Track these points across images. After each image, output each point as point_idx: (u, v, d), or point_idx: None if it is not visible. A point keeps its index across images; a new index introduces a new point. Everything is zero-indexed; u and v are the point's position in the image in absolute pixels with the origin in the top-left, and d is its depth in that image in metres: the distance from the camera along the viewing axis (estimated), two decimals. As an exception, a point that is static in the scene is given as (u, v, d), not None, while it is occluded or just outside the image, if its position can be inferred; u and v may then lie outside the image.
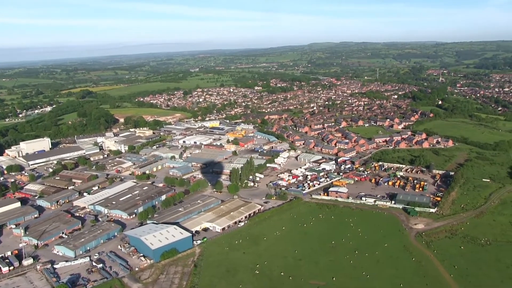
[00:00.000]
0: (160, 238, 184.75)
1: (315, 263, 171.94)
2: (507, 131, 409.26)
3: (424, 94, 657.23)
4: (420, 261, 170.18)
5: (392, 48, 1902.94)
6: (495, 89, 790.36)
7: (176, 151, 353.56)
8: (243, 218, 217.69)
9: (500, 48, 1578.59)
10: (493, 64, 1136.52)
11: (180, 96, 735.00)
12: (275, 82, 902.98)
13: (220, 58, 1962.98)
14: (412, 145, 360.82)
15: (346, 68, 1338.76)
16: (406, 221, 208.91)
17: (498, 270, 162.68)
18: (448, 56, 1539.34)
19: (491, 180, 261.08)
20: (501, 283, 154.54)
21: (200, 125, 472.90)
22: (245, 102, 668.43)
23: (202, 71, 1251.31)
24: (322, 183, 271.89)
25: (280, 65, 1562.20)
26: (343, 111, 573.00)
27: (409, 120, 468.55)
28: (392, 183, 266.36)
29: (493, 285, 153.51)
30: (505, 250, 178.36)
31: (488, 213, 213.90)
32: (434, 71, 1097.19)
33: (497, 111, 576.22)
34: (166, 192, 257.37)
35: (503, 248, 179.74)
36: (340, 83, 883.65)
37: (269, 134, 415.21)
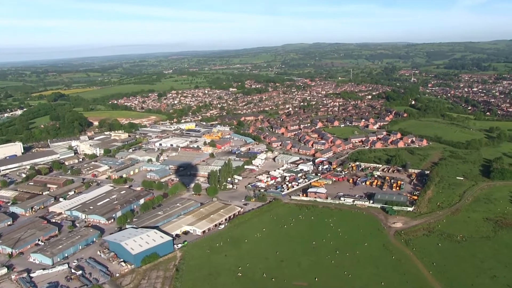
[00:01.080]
0: (140, 242, 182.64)
1: (297, 264, 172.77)
2: (477, 130, 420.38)
3: (397, 94, 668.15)
4: (399, 259, 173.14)
5: (364, 48, 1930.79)
6: (464, 89, 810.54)
7: (152, 154, 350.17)
8: (223, 221, 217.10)
9: (468, 49, 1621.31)
10: (462, 65, 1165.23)
11: (155, 98, 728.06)
12: (250, 84, 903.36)
13: (194, 59, 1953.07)
14: (388, 145, 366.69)
15: (320, 69, 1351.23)
16: (385, 220, 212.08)
17: (473, 266, 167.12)
18: (419, 57, 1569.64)
19: (465, 178, 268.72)
20: (477, 277, 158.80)
21: (176, 127, 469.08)
22: (220, 104, 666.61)
23: (176, 73, 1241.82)
24: (300, 184, 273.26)
25: (254, 66, 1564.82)
26: (319, 111, 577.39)
27: (383, 120, 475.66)
28: (369, 182, 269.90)
29: (470, 280, 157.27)
30: (479, 245, 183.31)
31: (463, 210, 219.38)
32: (406, 71, 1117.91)
33: (467, 110, 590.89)
34: (144, 195, 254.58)
35: (477, 244, 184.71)
36: (315, 84, 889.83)
37: (246, 136, 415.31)
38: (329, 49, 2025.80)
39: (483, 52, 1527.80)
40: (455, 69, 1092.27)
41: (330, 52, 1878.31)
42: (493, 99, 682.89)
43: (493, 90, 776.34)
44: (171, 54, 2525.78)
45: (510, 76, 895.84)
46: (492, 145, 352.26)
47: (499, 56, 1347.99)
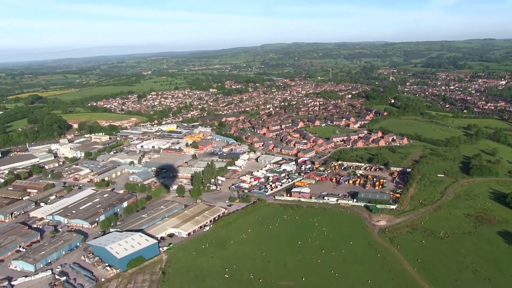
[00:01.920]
0: (125, 246, 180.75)
1: (284, 264, 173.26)
2: (456, 127, 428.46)
3: (377, 93, 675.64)
4: (385, 256, 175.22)
5: (343, 48, 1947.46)
6: (442, 87, 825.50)
7: (134, 156, 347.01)
8: (208, 222, 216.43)
9: (444, 48, 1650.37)
10: (438, 63, 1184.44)
11: (135, 100, 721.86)
12: (229, 84, 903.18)
13: (173, 60, 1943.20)
14: (369, 144, 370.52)
15: (299, 69, 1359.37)
16: (369, 219, 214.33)
17: (456, 261, 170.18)
18: (397, 56, 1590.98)
19: (445, 175, 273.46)
20: (460, 272, 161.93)
21: (157, 129, 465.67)
22: (201, 105, 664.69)
23: (155, 74, 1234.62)
24: (284, 184, 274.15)
25: (234, 66, 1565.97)
26: (299, 111, 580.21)
27: (364, 119, 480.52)
28: (352, 181, 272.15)
29: (453, 275, 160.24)
30: (461, 241, 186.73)
31: (445, 207, 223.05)
32: (385, 70, 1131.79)
33: (445, 108, 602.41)
34: (127, 198, 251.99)
35: (459, 240, 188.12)
36: (295, 84, 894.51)
37: (228, 137, 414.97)
38: (308, 49, 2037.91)
39: (458, 51, 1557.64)
40: (432, 67, 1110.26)
41: (309, 51, 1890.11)
42: (469, 97, 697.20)
43: (469, 88, 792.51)
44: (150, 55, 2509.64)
45: (485, 75, 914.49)
46: (470, 142, 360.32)
47: (474, 55, 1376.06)
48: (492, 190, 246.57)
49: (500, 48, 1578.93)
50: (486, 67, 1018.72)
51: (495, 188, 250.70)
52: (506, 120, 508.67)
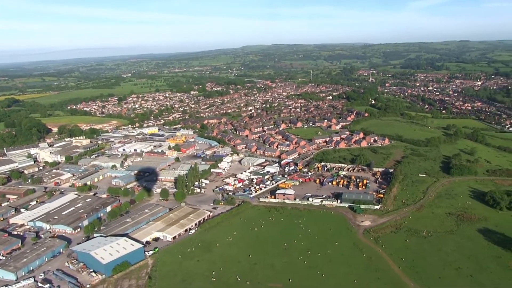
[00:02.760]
0: (110, 251, 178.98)
1: (270, 266, 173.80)
2: (435, 127, 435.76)
3: (357, 94, 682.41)
4: (370, 256, 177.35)
5: (323, 49, 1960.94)
6: (420, 88, 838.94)
7: (116, 159, 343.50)
8: (193, 226, 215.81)
9: (422, 49, 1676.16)
10: (417, 64, 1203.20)
11: (115, 103, 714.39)
12: (210, 86, 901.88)
13: (153, 62, 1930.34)
14: (351, 145, 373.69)
15: (280, 70, 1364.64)
16: (353, 219, 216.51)
17: (440, 259, 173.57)
18: (376, 57, 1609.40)
19: (427, 174, 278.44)
20: (443, 270, 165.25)
21: (139, 132, 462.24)
22: (182, 107, 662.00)
23: (135, 76, 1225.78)
24: (268, 186, 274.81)
25: (214, 68, 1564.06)
26: (281, 113, 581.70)
27: (346, 120, 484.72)
28: (336, 182, 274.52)
29: (437, 272, 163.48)
30: (444, 239, 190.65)
31: (427, 206, 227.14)
32: (364, 71, 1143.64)
33: (424, 109, 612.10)
34: (111, 203, 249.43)
35: (442, 238, 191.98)
36: (275, 86, 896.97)
37: (210, 139, 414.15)
38: (288, 51, 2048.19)
39: (436, 52, 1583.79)
40: (411, 68, 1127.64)
41: (289, 53, 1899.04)
42: (447, 98, 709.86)
43: (447, 89, 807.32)
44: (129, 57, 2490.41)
45: (461, 76, 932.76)
46: (450, 142, 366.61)
47: (451, 56, 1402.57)
48: (471, 189, 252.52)
49: (475, 49, 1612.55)
50: (462, 68, 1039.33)
51: (474, 187, 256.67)
52: (483, 120, 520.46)
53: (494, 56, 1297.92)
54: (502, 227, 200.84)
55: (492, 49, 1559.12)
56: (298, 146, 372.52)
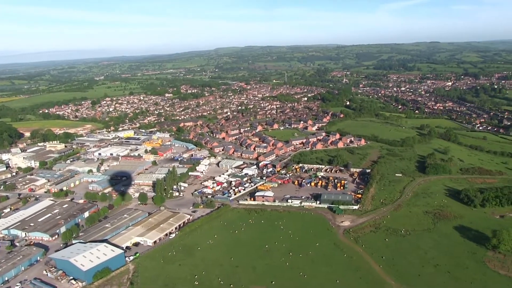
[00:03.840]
0: (90, 258, 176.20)
1: (253, 268, 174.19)
2: (409, 128, 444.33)
3: (332, 95, 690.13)
4: (351, 256, 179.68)
5: (296, 51, 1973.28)
6: (393, 88, 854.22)
7: (92, 164, 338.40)
8: (173, 230, 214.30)
9: (394, 50, 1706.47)
10: (389, 65, 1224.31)
11: (89, 106, 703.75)
12: (185, 89, 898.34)
13: (126, 65, 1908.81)
14: (328, 146, 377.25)
15: (254, 72, 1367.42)
16: (333, 220, 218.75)
17: (418, 257, 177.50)
18: (349, 58, 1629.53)
19: (403, 174, 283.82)
20: (422, 267, 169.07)
21: (114, 135, 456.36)
22: (157, 110, 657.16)
23: (108, 79, 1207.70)
24: (247, 188, 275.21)
25: (188, 70, 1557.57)
26: (257, 115, 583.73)
27: (321, 122, 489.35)
28: (314, 183, 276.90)
29: (416, 270, 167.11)
30: (422, 238, 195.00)
31: (404, 206, 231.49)
32: (338, 72, 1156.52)
33: (398, 109, 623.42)
34: (88, 208, 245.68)
35: (420, 236, 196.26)
36: (250, 87, 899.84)
37: (187, 142, 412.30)
38: (262, 52, 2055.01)
39: (407, 53, 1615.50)
40: (384, 69, 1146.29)
41: (263, 55, 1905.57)
42: (420, 98, 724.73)
43: (419, 89, 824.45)
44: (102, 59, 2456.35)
45: (433, 76, 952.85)
46: (424, 142, 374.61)
47: (422, 57, 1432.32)
48: (446, 188, 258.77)
49: (445, 50, 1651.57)
50: (433, 68, 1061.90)
51: (449, 185, 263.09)
52: (454, 120, 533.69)
53: (463, 57, 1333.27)
54: (476, 224, 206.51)
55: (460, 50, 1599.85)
56: (275, 148, 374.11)
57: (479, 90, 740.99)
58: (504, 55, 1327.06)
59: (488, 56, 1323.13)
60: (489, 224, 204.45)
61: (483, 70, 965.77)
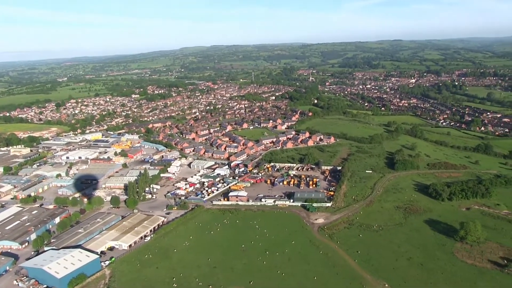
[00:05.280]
0: (65, 264, 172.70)
1: (230, 268, 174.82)
2: (377, 125, 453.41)
3: (299, 94, 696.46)
4: (327, 253, 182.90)
5: (262, 50, 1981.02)
6: (359, 86, 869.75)
7: (61, 168, 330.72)
8: (148, 232, 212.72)
9: (358, 49, 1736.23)
10: (354, 63, 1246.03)
11: (53, 109, 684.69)
12: (152, 89, 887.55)
13: (89, 66, 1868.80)
14: (298, 144, 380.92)
15: (220, 72, 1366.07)
16: (307, 218, 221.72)
17: (392, 251, 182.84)
18: (315, 57, 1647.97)
19: (373, 171, 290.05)
20: (396, 261, 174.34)
21: (82, 138, 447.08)
22: (124, 112, 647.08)
23: (72, 81, 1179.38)
24: (220, 188, 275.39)
25: (153, 71, 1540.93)
26: (226, 115, 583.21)
27: (290, 120, 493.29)
28: (286, 182, 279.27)
29: (390, 264, 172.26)
30: (394, 232, 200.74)
31: (376, 202, 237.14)
32: (304, 71, 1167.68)
33: (364, 106, 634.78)
34: (59, 213, 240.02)
35: (392, 231, 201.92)
36: (218, 87, 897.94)
37: (157, 143, 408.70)
38: (227, 52, 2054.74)
39: (371, 51, 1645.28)
40: (349, 67, 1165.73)
41: (229, 54, 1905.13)
42: (385, 95, 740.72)
43: (384, 86, 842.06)
44: (64, 60, 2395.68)
45: (397, 73, 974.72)
46: (392, 138, 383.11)
47: (386, 55, 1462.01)
48: (415, 183, 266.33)
49: (408, 48, 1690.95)
50: (397, 66, 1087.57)
51: (417, 180, 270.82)
52: (419, 116, 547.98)
53: (424, 55, 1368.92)
54: (444, 217, 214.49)
55: (422, 48, 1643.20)
56: (246, 148, 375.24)
57: (441, 87, 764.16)
58: (463, 53, 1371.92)
59: (448, 54, 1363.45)
60: (457, 216, 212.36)
61: (444, 68, 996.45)
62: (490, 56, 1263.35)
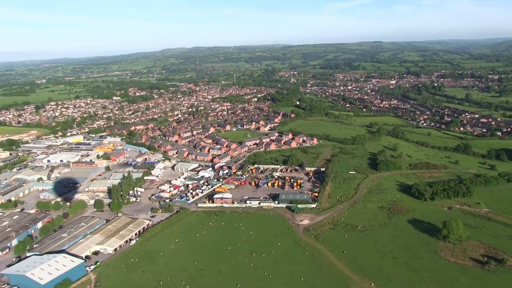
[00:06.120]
0: (49, 270, 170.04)
1: (217, 271, 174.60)
2: (359, 126, 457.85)
3: (282, 95, 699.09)
4: (313, 253, 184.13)
5: (243, 51, 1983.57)
6: (340, 87, 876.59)
7: (42, 172, 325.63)
8: (133, 236, 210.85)
9: (339, 50, 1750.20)
10: (335, 65, 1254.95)
11: (32, 111, 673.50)
12: (133, 91, 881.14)
13: (69, 67, 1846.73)
14: (282, 146, 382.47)
15: (201, 73, 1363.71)
16: (292, 219, 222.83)
17: (377, 250, 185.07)
18: (296, 58, 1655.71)
19: (356, 171, 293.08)
20: (381, 260, 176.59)
21: (63, 141, 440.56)
22: (106, 114, 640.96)
23: (51, 82, 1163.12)
24: (204, 191, 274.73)
25: (134, 72, 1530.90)
26: (208, 116, 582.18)
27: (273, 122, 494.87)
28: (271, 184, 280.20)
29: (376, 263, 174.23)
30: (379, 232, 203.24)
31: (360, 202, 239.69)
32: (286, 72, 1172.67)
33: (346, 108, 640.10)
34: (41, 218, 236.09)
35: (377, 231, 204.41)
36: (200, 89, 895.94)
37: (140, 146, 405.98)
38: (209, 53, 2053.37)
39: (352, 52, 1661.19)
40: (330, 69, 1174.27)
41: (210, 56, 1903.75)
42: (366, 96, 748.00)
43: (365, 87, 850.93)
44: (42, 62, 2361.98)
45: (377, 75, 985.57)
46: (374, 139, 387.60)
47: (366, 56, 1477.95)
48: (398, 183, 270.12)
49: (387, 50, 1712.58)
50: (377, 67, 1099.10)
51: (400, 180, 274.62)
52: (400, 117, 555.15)
53: (404, 56, 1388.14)
54: (427, 216, 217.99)
55: (402, 50, 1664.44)
56: (229, 150, 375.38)
57: (421, 88, 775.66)
58: (441, 55, 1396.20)
59: (427, 56, 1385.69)
60: (439, 216, 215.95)
61: (424, 69, 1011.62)
62: (467, 57, 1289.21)
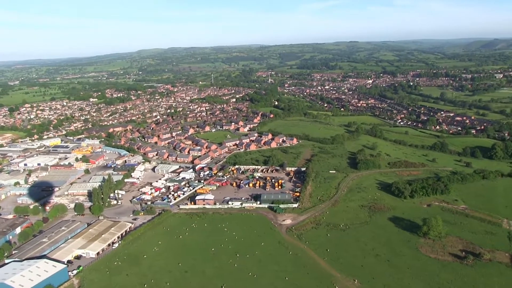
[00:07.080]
0: (30, 276, 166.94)
1: (202, 272, 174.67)
2: (337, 125, 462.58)
3: (260, 96, 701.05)
4: (296, 253, 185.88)
5: (220, 52, 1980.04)
6: (318, 87, 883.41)
7: (19, 175, 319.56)
8: (116, 239, 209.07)
9: (316, 50, 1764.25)
10: (312, 65, 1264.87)
11: (6, 114, 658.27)
12: (110, 93, 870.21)
13: (43, 69, 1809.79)
14: (262, 146, 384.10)
15: (179, 74, 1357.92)
16: (275, 219, 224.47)
17: (359, 249, 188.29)
18: (273, 58, 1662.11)
19: (336, 171, 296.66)
20: (364, 258, 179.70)
21: (40, 144, 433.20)
22: (83, 116, 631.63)
23: (25, 84, 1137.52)
24: (186, 192, 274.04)
25: (110, 73, 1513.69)
26: (187, 118, 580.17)
27: (252, 122, 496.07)
28: (252, 184, 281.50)
29: (359, 261, 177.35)
30: (361, 230, 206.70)
31: (341, 201, 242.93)
32: (263, 73, 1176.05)
33: (324, 107, 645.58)
34: (20, 223, 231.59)
35: (359, 229, 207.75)
36: (177, 90, 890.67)
37: (119, 148, 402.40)
38: (185, 54, 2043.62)
39: (328, 52, 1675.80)
40: (307, 68, 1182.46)
41: (187, 56, 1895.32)
42: (343, 96, 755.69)
43: (342, 87, 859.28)
44: (15, 63, 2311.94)
45: (354, 74, 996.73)
46: (353, 138, 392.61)
47: (342, 56, 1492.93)
48: (378, 181, 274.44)
49: (364, 50, 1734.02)
50: (354, 67, 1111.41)
51: (380, 179, 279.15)
52: (377, 116, 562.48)
53: (380, 56, 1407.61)
54: (407, 214, 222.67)
55: (378, 49, 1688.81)
56: (209, 151, 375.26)
57: (397, 87, 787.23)
58: (416, 54, 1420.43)
59: (402, 55, 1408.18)
60: (419, 213, 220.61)
61: (399, 68, 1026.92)
62: (441, 57, 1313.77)
